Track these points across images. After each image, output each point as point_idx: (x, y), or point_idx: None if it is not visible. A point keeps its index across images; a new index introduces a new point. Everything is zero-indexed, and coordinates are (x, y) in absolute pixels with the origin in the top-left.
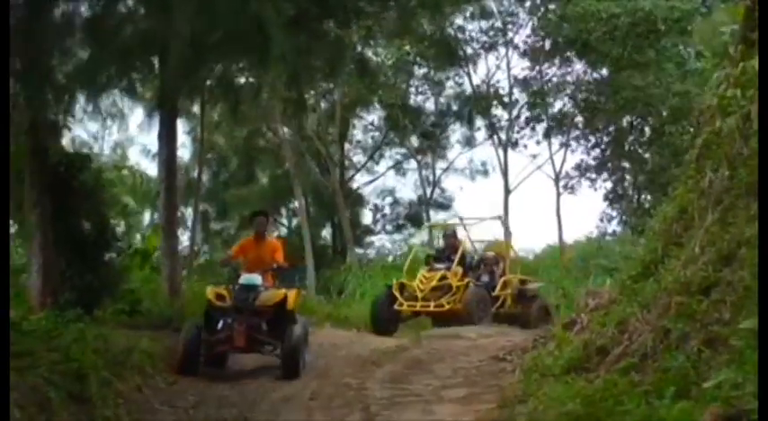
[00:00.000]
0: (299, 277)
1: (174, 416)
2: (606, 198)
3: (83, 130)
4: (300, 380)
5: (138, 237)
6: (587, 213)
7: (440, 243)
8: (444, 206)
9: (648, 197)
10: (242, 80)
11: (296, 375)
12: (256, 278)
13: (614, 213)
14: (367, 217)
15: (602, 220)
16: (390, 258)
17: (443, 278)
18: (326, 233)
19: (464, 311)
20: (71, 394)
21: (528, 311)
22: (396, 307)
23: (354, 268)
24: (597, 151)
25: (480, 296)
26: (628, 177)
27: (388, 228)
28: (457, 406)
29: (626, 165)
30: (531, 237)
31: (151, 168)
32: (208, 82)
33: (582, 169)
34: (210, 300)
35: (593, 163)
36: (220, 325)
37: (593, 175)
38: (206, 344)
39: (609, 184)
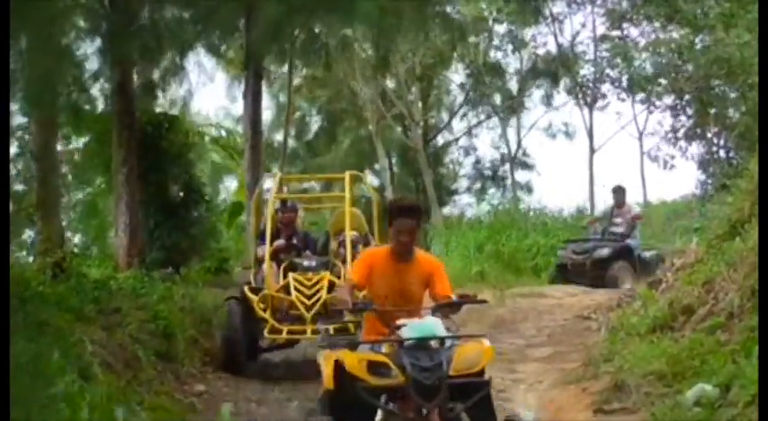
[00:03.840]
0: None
1: (259, 372)
2: (699, 165)
3: (168, 94)
4: None
5: (227, 196)
6: (677, 177)
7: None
8: (528, 165)
9: (740, 159)
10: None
11: None
12: (434, 324)
13: (707, 178)
14: (449, 177)
15: (696, 187)
16: (471, 215)
17: None
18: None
19: None
20: (158, 352)
21: None
22: None
23: (440, 227)
24: (684, 118)
25: None
26: (717, 140)
27: (472, 186)
28: (542, 364)
29: (715, 129)
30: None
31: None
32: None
33: (671, 140)
34: (360, 377)
35: (681, 131)
36: (381, 419)
37: (684, 144)
38: None
39: (700, 150)
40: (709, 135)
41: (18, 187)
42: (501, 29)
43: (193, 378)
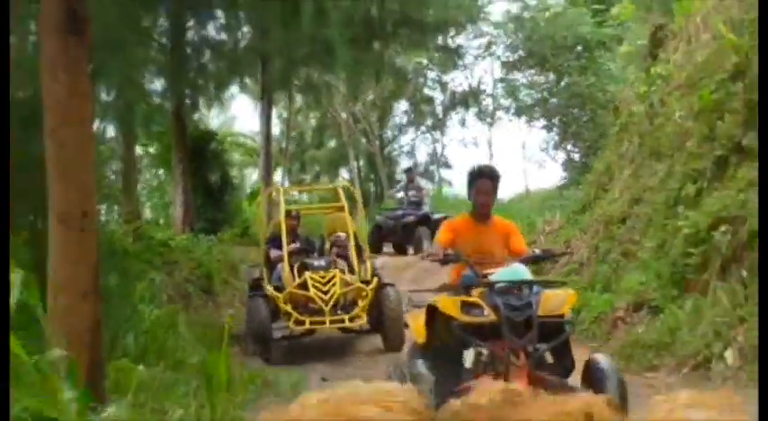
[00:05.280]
0: None
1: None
2: (562, 166)
3: (204, 115)
4: None
5: (249, 184)
6: (548, 173)
7: None
8: (449, 166)
9: (588, 162)
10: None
11: None
12: (522, 270)
13: (567, 175)
14: (397, 173)
15: (560, 181)
16: None
17: None
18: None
19: None
20: (202, 288)
21: None
22: None
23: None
24: (552, 134)
25: None
26: (573, 150)
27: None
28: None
29: (572, 142)
30: (506, 188)
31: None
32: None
33: (544, 149)
34: (453, 315)
35: (550, 143)
36: (470, 360)
37: (553, 152)
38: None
39: (562, 156)
40: (569, 146)
41: (111, 177)
42: (432, 74)
43: (226, 305)
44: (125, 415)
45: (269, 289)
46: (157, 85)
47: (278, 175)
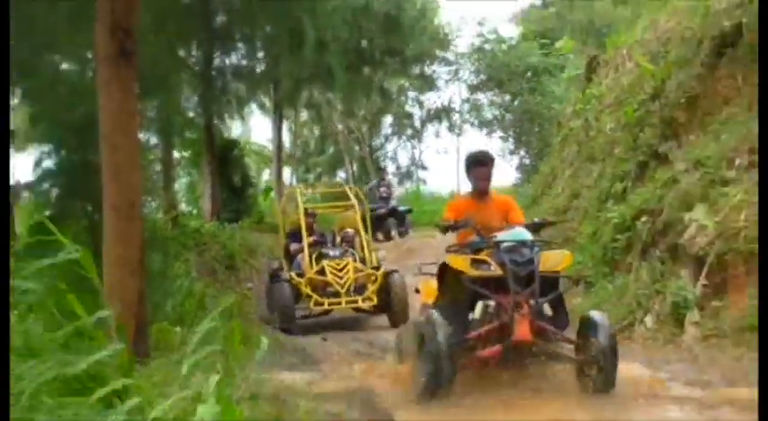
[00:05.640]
0: None
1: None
2: (516, 168)
3: (228, 127)
4: None
5: (263, 182)
6: (506, 174)
7: None
8: (425, 168)
9: (537, 165)
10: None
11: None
12: (524, 232)
13: (521, 175)
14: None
15: (515, 180)
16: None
17: None
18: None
19: None
20: (226, 266)
21: None
22: None
23: None
24: (509, 143)
25: None
26: (525, 155)
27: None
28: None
29: (525, 149)
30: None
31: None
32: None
33: (501, 155)
34: (463, 271)
35: (507, 150)
36: (478, 311)
37: (509, 156)
38: (461, 346)
39: (516, 161)
40: (521, 153)
41: (154, 176)
42: (411, 94)
43: (245, 280)
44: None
45: (292, 275)
46: (191, 102)
47: (286, 176)
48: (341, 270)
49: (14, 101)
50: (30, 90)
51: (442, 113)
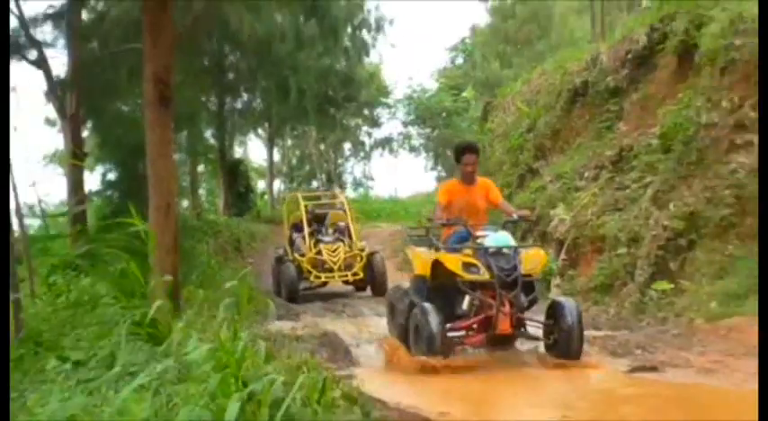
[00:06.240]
0: None
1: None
2: (436, 180)
3: (236, 150)
4: None
5: (260, 189)
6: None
7: None
8: (372, 178)
9: (449, 178)
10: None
11: (577, 355)
12: (508, 237)
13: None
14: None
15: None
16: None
17: None
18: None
19: None
20: (234, 248)
21: None
22: None
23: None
24: (431, 161)
25: None
26: (443, 170)
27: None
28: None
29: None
30: (407, 190)
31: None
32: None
33: (426, 169)
34: (458, 273)
35: (429, 166)
36: (466, 305)
37: (431, 172)
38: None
39: (436, 174)
40: (438, 168)
41: (184, 184)
42: (364, 128)
43: (248, 256)
44: (192, 318)
45: (296, 257)
46: (209, 134)
47: (276, 184)
48: (334, 251)
49: (86, 132)
50: (98, 125)
51: (384, 142)
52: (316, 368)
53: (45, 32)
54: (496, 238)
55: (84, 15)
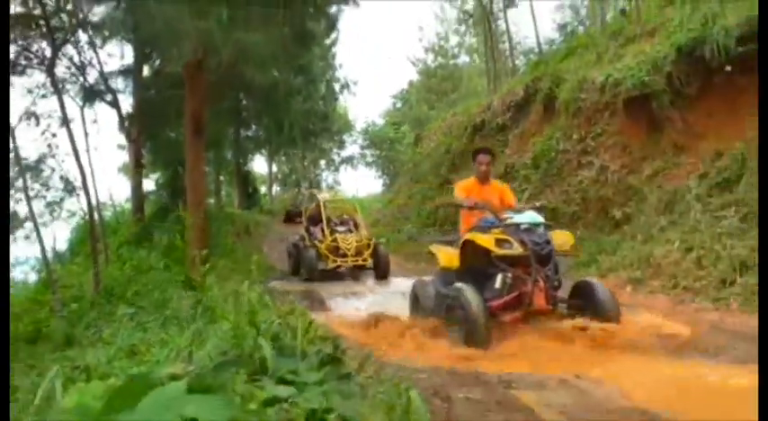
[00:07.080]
0: None
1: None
2: (382, 185)
3: (248, 165)
4: None
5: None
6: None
7: None
8: (339, 184)
9: (392, 184)
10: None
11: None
12: (536, 215)
13: (387, 187)
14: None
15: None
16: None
17: None
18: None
19: None
20: (246, 232)
21: None
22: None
23: None
24: (379, 172)
25: None
26: (387, 178)
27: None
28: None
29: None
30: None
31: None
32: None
33: (378, 177)
34: (491, 248)
35: (380, 174)
36: (498, 283)
37: (383, 178)
38: (488, 311)
39: (382, 181)
40: (385, 178)
41: (210, 187)
42: (335, 150)
43: (259, 244)
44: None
45: (315, 243)
46: (229, 153)
47: (274, 189)
48: (347, 240)
49: (144, 152)
50: (153, 146)
51: (347, 159)
52: (303, 314)
53: (118, 82)
54: (527, 215)
55: (146, 71)
